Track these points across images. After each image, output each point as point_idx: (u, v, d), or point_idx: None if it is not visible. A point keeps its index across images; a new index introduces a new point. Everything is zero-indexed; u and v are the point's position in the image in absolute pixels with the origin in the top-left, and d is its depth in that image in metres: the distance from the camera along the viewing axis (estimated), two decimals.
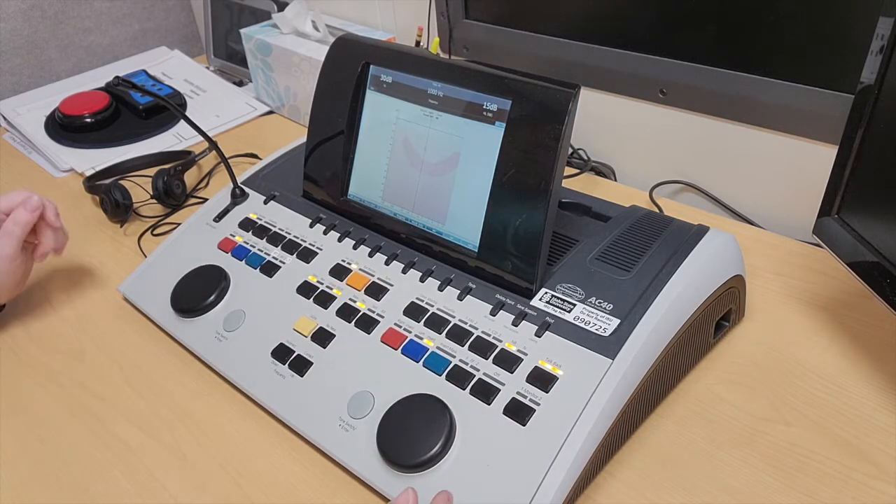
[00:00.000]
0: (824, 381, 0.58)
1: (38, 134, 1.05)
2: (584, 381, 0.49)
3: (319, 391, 0.56)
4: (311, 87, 0.74)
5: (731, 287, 0.58)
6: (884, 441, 0.52)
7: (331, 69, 0.68)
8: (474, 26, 0.96)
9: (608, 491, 0.51)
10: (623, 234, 0.60)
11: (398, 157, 0.64)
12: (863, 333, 0.62)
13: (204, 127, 0.77)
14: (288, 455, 0.55)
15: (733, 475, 0.51)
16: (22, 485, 0.55)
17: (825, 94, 0.68)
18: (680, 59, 0.78)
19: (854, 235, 0.55)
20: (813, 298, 0.66)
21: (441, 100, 0.61)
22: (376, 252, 0.64)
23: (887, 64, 0.50)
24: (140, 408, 0.60)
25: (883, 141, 0.52)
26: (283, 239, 0.68)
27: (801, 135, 0.73)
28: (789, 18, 0.68)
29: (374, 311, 0.59)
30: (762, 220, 0.80)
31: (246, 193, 0.74)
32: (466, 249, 0.59)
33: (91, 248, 0.81)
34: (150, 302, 0.69)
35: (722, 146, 0.80)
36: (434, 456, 0.49)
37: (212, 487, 0.53)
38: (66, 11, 1.24)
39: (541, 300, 0.55)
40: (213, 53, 1.26)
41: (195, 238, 0.72)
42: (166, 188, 0.85)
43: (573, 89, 0.53)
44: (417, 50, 0.68)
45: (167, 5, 1.37)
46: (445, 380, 0.53)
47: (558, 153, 0.54)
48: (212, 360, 0.62)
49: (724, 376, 0.59)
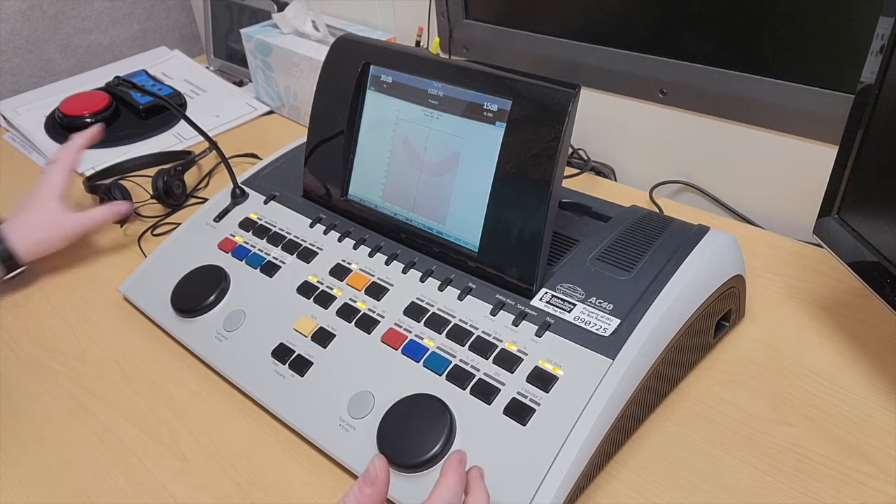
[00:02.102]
0: (824, 381, 0.58)
1: (38, 134, 1.05)
2: (584, 381, 0.49)
3: (319, 391, 0.56)
4: (311, 87, 0.74)
5: (731, 287, 0.58)
6: (884, 441, 0.52)
7: (331, 69, 0.68)
8: (474, 26, 0.96)
9: (608, 491, 0.51)
10: (623, 235, 0.60)
11: (398, 157, 0.64)
12: (863, 333, 0.62)
13: (204, 127, 0.77)
14: (288, 455, 0.55)
15: (733, 475, 0.51)
16: (22, 485, 0.55)
17: (825, 94, 0.68)
18: (680, 59, 0.78)
19: (854, 235, 0.55)
20: (813, 298, 0.66)
21: (441, 100, 0.61)
22: (376, 252, 0.64)
23: (887, 64, 0.50)
24: (140, 408, 0.60)
25: (883, 141, 0.52)
26: (284, 239, 0.68)
27: (801, 135, 0.73)
28: (789, 19, 0.68)
29: (375, 311, 0.59)
30: (762, 220, 0.80)
31: (246, 193, 0.74)
32: (466, 249, 0.59)
33: (91, 248, 0.81)
34: (150, 302, 0.69)
35: (722, 146, 0.80)
36: (434, 456, 0.49)
37: (212, 487, 0.53)
38: (66, 11, 1.24)
39: (541, 300, 0.55)
40: (213, 53, 1.26)
41: (195, 238, 0.72)
42: (166, 188, 0.85)
43: (573, 89, 0.53)
44: (417, 50, 0.68)
45: (167, 5, 1.38)
46: (445, 380, 0.53)
47: (558, 153, 0.54)
48: (212, 360, 0.62)
49: (724, 376, 0.59)
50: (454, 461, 0.45)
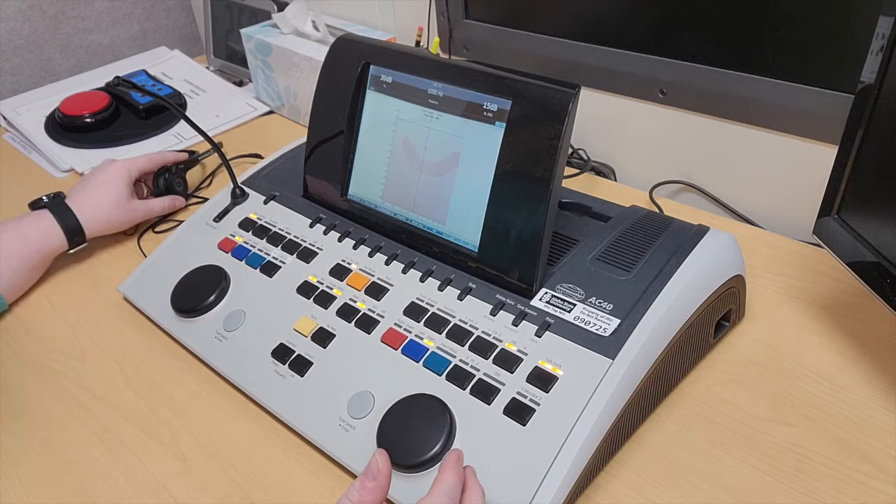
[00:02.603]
0: (824, 381, 0.58)
1: (38, 134, 1.05)
2: (584, 381, 0.49)
3: (319, 391, 0.56)
4: (311, 87, 0.74)
5: (731, 287, 0.58)
6: (884, 441, 0.52)
7: (331, 69, 0.68)
8: (474, 26, 0.96)
9: (608, 491, 0.51)
10: (623, 234, 0.60)
11: (398, 157, 0.64)
12: (863, 333, 0.62)
13: (204, 127, 0.77)
14: (288, 455, 0.55)
15: (733, 475, 0.51)
16: (22, 485, 0.55)
17: (825, 94, 0.68)
18: (680, 59, 0.78)
19: (854, 235, 0.55)
20: (813, 298, 0.66)
21: (441, 100, 0.61)
22: (376, 252, 0.64)
23: (887, 64, 0.50)
24: (140, 408, 0.60)
25: (883, 141, 0.52)
26: (284, 239, 0.68)
27: (801, 135, 0.73)
28: (789, 18, 0.68)
29: (375, 311, 0.59)
30: (762, 220, 0.80)
31: (246, 193, 0.74)
32: (466, 249, 0.59)
33: (91, 247, 0.81)
34: (150, 302, 0.69)
35: (722, 146, 0.80)
36: (434, 456, 0.49)
37: (212, 487, 0.53)
38: (66, 11, 1.24)
39: (541, 300, 0.55)
40: (213, 53, 1.26)
41: (195, 238, 0.72)
42: (168, 186, 0.85)
43: (573, 89, 0.53)
44: (417, 50, 0.68)
45: (167, 5, 1.38)
46: (445, 380, 0.53)
47: (558, 153, 0.54)
48: (212, 360, 0.62)
49: (724, 376, 0.59)
50: (452, 459, 0.45)
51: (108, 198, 0.77)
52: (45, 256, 0.74)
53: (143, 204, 0.80)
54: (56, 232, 0.73)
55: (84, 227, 0.75)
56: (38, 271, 0.74)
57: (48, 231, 0.73)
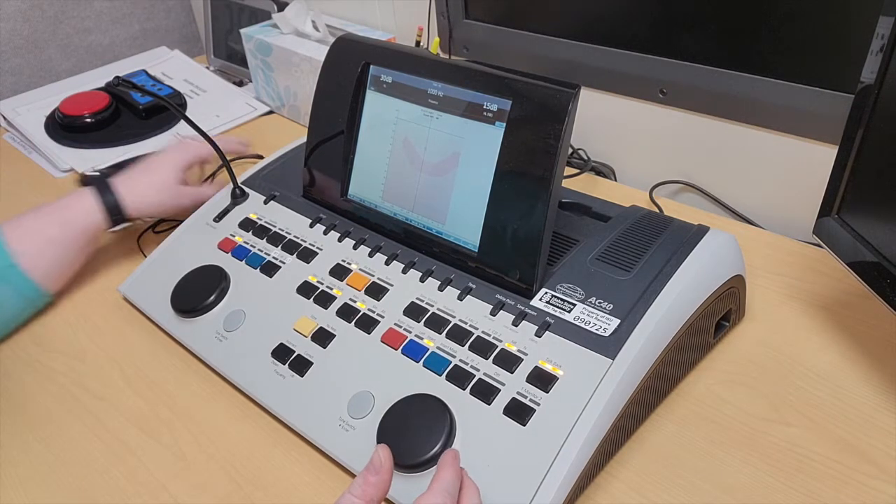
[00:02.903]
0: (824, 381, 0.58)
1: (38, 134, 1.05)
2: (584, 381, 0.49)
3: (319, 391, 0.56)
4: (311, 87, 0.74)
5: (731, 287, 0.58)
6: (884, 441, 0.52)
7: (331, 69, 0.68)
8: (474, 26, 0.96)
9: (608, 491, 0.51)
10: (623, 235, 0.60)
11: (398, 157, 0.64)
12: (863, 333, 0.62)
13: (204, 127, 0.77)
14: (288, 455, 0.55)
15: (733, 475, 0.51)
16: (22, 485, 0.55)
17: (825, 94, 0.68)
18: (680, 59, 0.78)
19: (854, 235, 0.55)
20: (813, 298, 0.66)
21: (441, 100, 0.61)
22: (376, 252, 0.64)
23: (887, 64, 0.50)
24: (140, 408, 0.60)
25: (883, 141, 0.52)
26: (284, 239, 0.68)
27: (801, 135, 0.73)
28: (789, 18, 0.68)
29: (375, 311, 0.59)
30: (762, 220, 0.80)
31: (246, 193, 0.74)
32: (466, 249, 0.59)
33: None
34: (150, 302, 0.69)
35: (722, 146, 0.80)
36: (434, 456, 0.48)
37: (212, 487, 0.53)
38: (66, 11, 1.24)
39: (541, 300, 0.55)
40: (213, 53, 1.26)
41: (195, 238, 0.72)
42: None
43: (573, 89, 0.53)
44: (417, 50, 0.68)
45: (167, 5, 1.37)
46: (445, 380, 0.53)
47: (558, 153, 0.54)
48: (212, 361, 0.62)
49: (724, 376, 0.59)
50: (450, 458, 0.45)
51: (157, 181, 0.75)
52: (90, 237, 0.71)
53: (194, 192, 0.78)
54: (96, 209, 0.71)
55: (128, 205, 0.72)
56: (82, 255, 0.72)
57: (89, 209, 0.71)
